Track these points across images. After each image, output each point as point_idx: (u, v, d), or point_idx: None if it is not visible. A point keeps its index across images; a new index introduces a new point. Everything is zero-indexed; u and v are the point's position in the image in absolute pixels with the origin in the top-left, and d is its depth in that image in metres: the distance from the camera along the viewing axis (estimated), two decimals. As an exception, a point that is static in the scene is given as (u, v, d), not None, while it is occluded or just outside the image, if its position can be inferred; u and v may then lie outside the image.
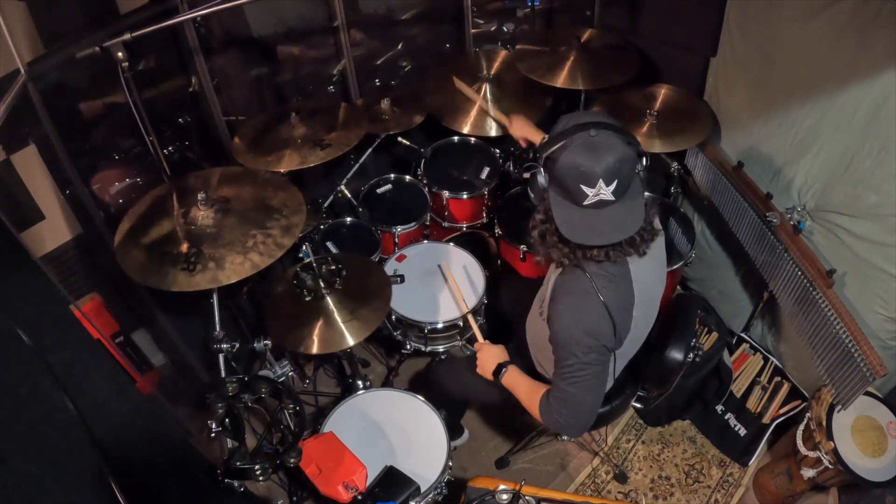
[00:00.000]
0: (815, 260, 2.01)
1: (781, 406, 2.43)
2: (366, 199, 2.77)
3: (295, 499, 2.15)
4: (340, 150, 2.20)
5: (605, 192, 1.30)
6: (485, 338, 1.94)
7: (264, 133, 2.29)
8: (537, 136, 2.07)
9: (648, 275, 1.53)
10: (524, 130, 2.12)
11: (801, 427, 2.13)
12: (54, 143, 1.77)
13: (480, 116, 2.61)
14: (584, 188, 1.30)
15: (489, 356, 1.82)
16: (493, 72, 2.72)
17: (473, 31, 2.94)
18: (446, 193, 2.68)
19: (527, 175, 1.44)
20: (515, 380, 1.75)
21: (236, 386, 1.73)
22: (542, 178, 1.39)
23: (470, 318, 2.10)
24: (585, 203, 1.33)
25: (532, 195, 1.46)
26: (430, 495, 1.82)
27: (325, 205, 2.71)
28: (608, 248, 1.40)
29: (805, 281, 2.04)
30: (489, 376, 1.80)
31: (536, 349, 1.83)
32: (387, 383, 2.68)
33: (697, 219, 2.76)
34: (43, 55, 1.74)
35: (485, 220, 2.82)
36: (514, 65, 2.56)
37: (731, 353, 2.58)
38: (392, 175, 2.87)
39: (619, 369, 1.71)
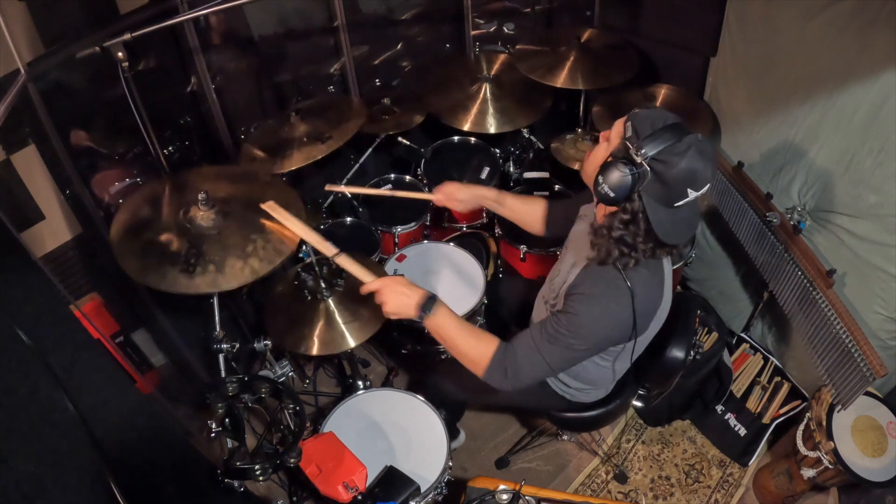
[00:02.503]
0: (815, 260, 2.01)
1: (781, 406, 2.43)
2: (366, 199, 2.77)
3: (295, 499, 2.15)
4: (342, 139, 2.21)
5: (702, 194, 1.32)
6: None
7: (270, 138, 2.30)
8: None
9: (669, 280, 1.54)
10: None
11: (801, 427, 2.13)
12: (54, 143, 1.77)
13: (480, 115, 2.61)
14: (690, 191, 1.29)
15: (399, 290, 1.52)
16: (493, 72, 2.72)
17: (473, 31, 2.95)
18: (446, 193, 2.68)
19: (620, 174, 1.30)
20: (449, 318, 1.52)
21: (236, 386, 1.73)
22: (641, 178, 1.30)
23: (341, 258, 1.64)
24: (678, 204, 1.31)
25: (612, 195, 1.32)
26: (430, 495, 1.81)
27: (325, 205, 2.71)
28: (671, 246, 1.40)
29: (805, 281, 2.04)
30: (412, 314, 1.51)
31: None
32: (387, 383, 2.68)
33: (697, 219, 2.76)
34: (43, 55, 1.73)
35: (485, 220, 2.82)
36: (514, 65, 2.56)
37: (731, 353, 2.58)
38: (392, 175, 2.87)
39: (620, 372, 1.71)
